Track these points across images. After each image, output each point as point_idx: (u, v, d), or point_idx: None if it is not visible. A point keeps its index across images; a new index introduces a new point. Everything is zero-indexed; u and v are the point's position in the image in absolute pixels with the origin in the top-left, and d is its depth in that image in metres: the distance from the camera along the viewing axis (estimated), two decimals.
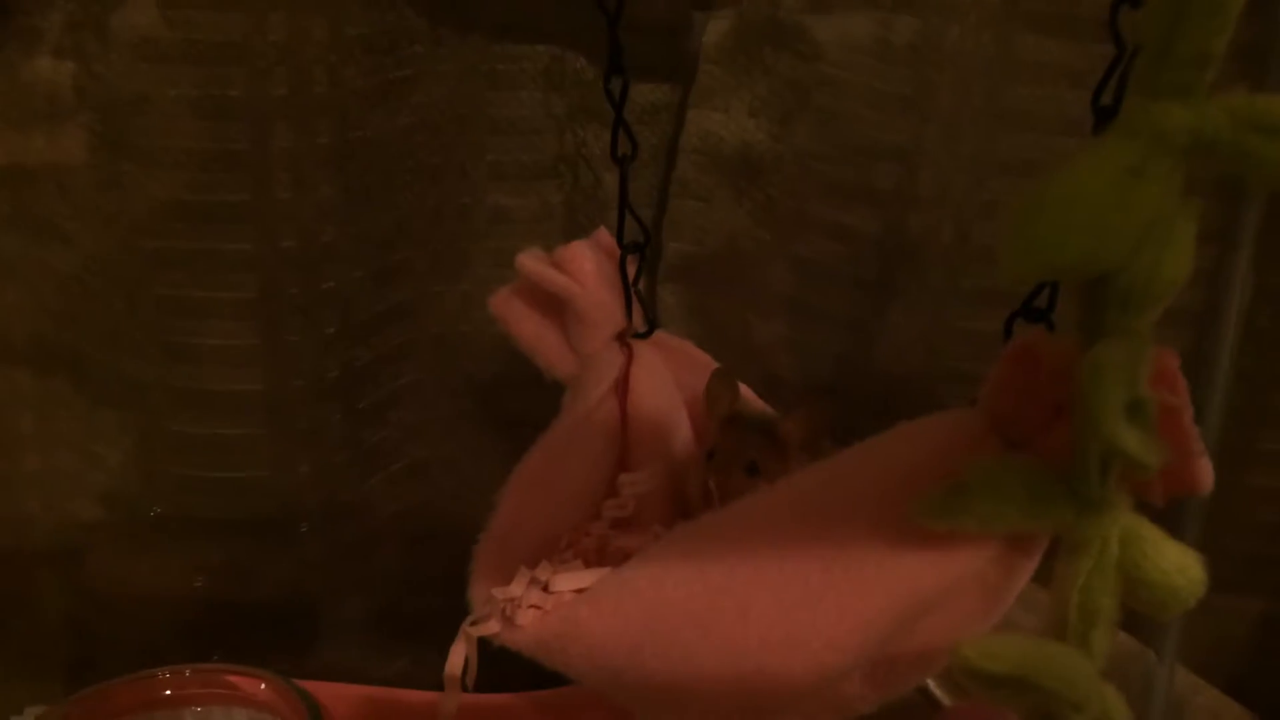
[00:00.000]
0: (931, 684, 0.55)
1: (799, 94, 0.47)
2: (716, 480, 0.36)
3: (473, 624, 0.32)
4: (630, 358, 0.39)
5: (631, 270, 0.39)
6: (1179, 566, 0.31)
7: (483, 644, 0.33)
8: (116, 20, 0.42)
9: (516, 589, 0.32)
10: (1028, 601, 0.38)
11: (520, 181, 0.49)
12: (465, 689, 0.34)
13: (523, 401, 0.39)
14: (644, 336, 0.39)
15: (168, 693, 0.41)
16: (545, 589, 0.32)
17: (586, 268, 0.39)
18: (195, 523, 0.48)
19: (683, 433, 0.39)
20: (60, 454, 0.48)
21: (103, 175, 0.43)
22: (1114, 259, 0.27)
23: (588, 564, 0.34)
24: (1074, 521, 0.30)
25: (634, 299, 0.39)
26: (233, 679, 0.42)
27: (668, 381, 0.39)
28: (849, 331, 0.50)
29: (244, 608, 0.49)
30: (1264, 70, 0.41)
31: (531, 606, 0.32)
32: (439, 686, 0.34)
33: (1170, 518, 0.57)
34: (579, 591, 0.32)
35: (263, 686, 0.42)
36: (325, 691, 0.41)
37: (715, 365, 0.40)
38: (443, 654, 0.36)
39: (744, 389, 0.39)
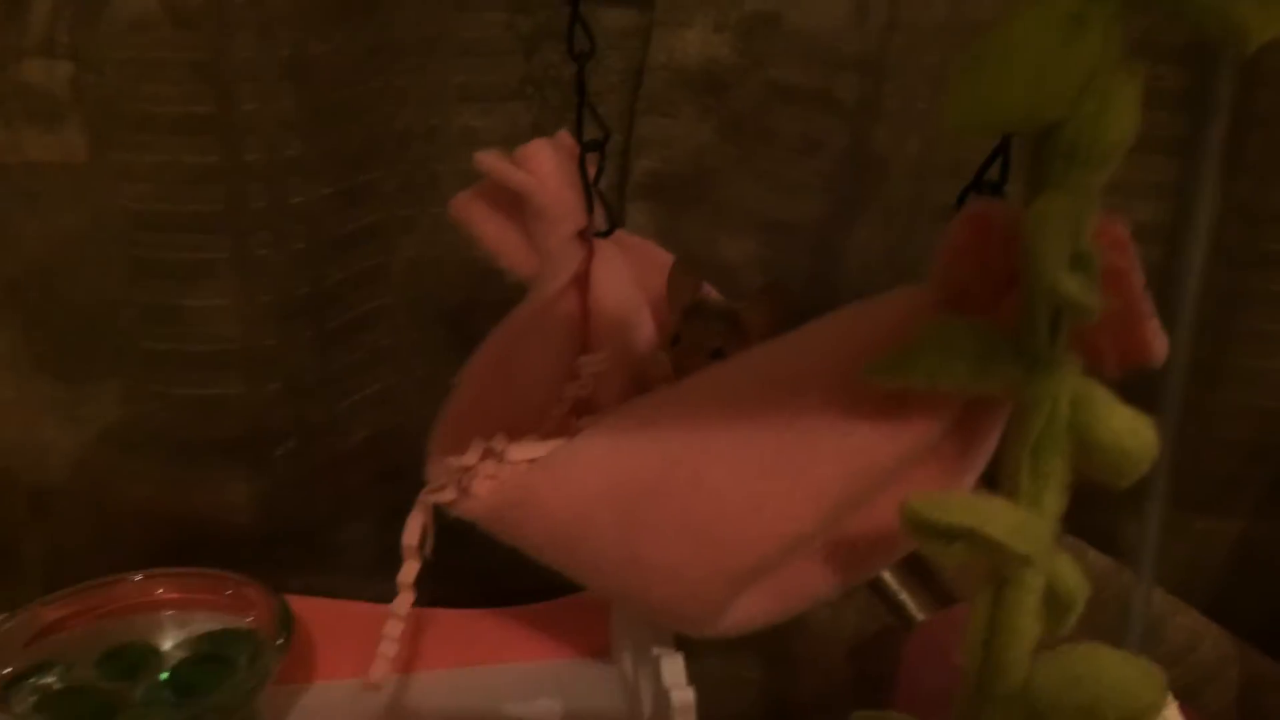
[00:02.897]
0: (907, 600, 0.55)
1: (762, 7, 0.47)
2: (680, 366, 0.36)
3: (429, 493, 0.32)
4: (591, 254, 0.39)
5: (592, 169, 0.39)
6: (1130, 428, 0.31)
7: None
8: None
9: (471, 458, 0.32)
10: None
11: (488, 103, 0.49)
12: (424, 559, 0.34)
13: (494, 327, 0.39)
14: (605, 235, 0.40)
15: (142, 596, 0.41)
16: (500, 459, 0.32)
17: (546, 165, 0.39)
18: (167, 441, 0.48)
19: (645, 328, 0.39)
20: (34, 376, 0.48)
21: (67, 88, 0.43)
22: (1056, 109, 0.27)
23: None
24: (1022, 380, 0.30)
25: (595, 197, 0.39)
26: (205, 583, 0.42)
27: (629, 278, 0.39)
28: (817, 247, 0.50)
29: (215, 527, 0.49)
30: None
31: (487, 477, 0.32)
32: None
33: None
34: (533, 462, 0.32)
35: (229, 592, 0.42)
36: (297, 604, 0.42)
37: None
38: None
39: (705, 286, 0.39)
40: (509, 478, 0.32)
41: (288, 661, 0.46)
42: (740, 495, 0.32)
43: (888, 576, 0.56)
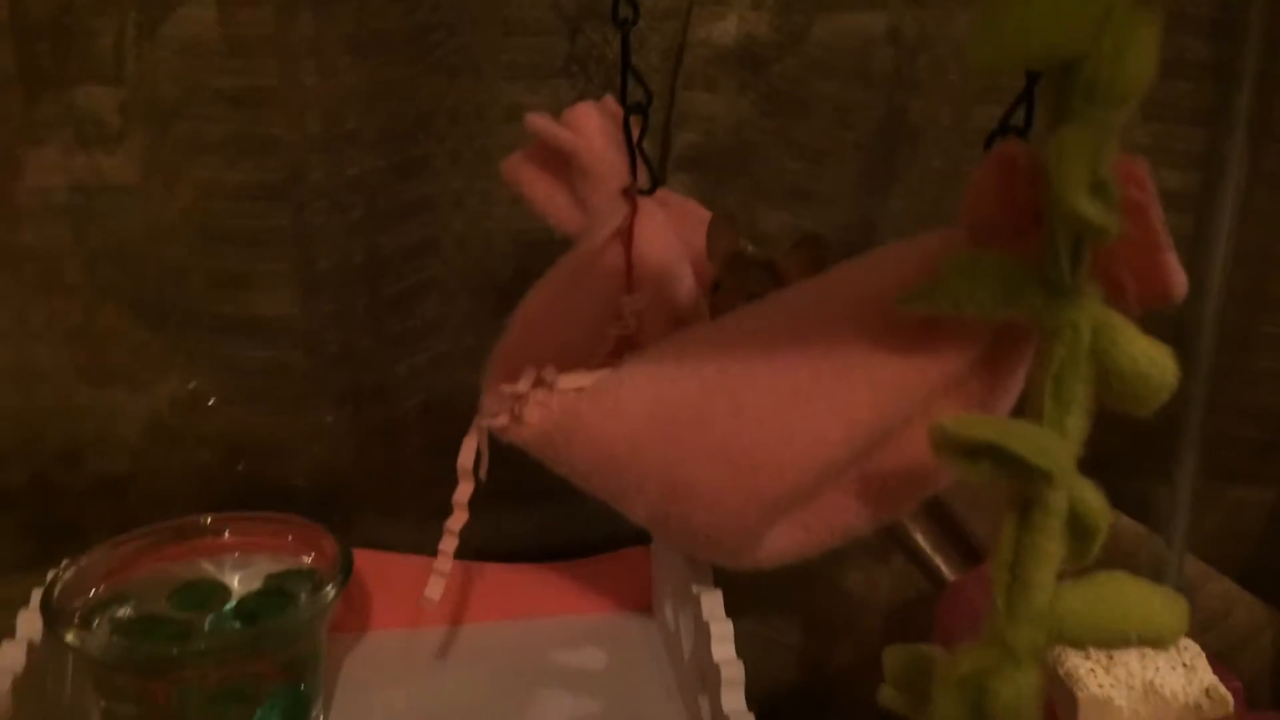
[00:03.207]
0: (941, 564, 0.56)
1: None
2: (719, 312, 0.38)
3: (484, 418, 0.34)
4: (634, 210, 0.41)
5: (636, 131, 0.42)
6: (1150, 356, 0.32)
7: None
8: None
9: (524, 386, 0.34)
10: None
11: (534, 81, 0.51)
12: (477, 480, 0.36)
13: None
14: (648, 193, 0.42)
15: (211, 539, 0.44)
16: (550, 388, 0.34)
17: (592, 126, 0.41)
18: (232, 402, 0.50)
19: (685, 278, 0.41)
20: (107, 342, 0.50)
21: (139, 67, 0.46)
22: (1076, 44, 0.29)
23: None
24: (1045, 308, 0.32)
25: (638, 157, 0.41)
26: (269, 527, 0.44)
27: (670, 233, 0.41)
28: (853, 217, 0.51)
29: (277, 485, 0.51)
30: None
31: (537, 404, 0.34)
32: None
33: (1170, 406, 0.58)
34: (581, 390, 0.34)
35: (291, 536, 0.44)
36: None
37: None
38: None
39: (743, 239, 0.41)
40: (558, 405, 0.34)
41: (344, 611, 0.49)
42: (776, 423, 0.34)
43: (922, 540, 0.57)
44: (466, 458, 0.36)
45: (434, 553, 0.41)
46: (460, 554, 0.42)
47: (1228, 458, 0.57)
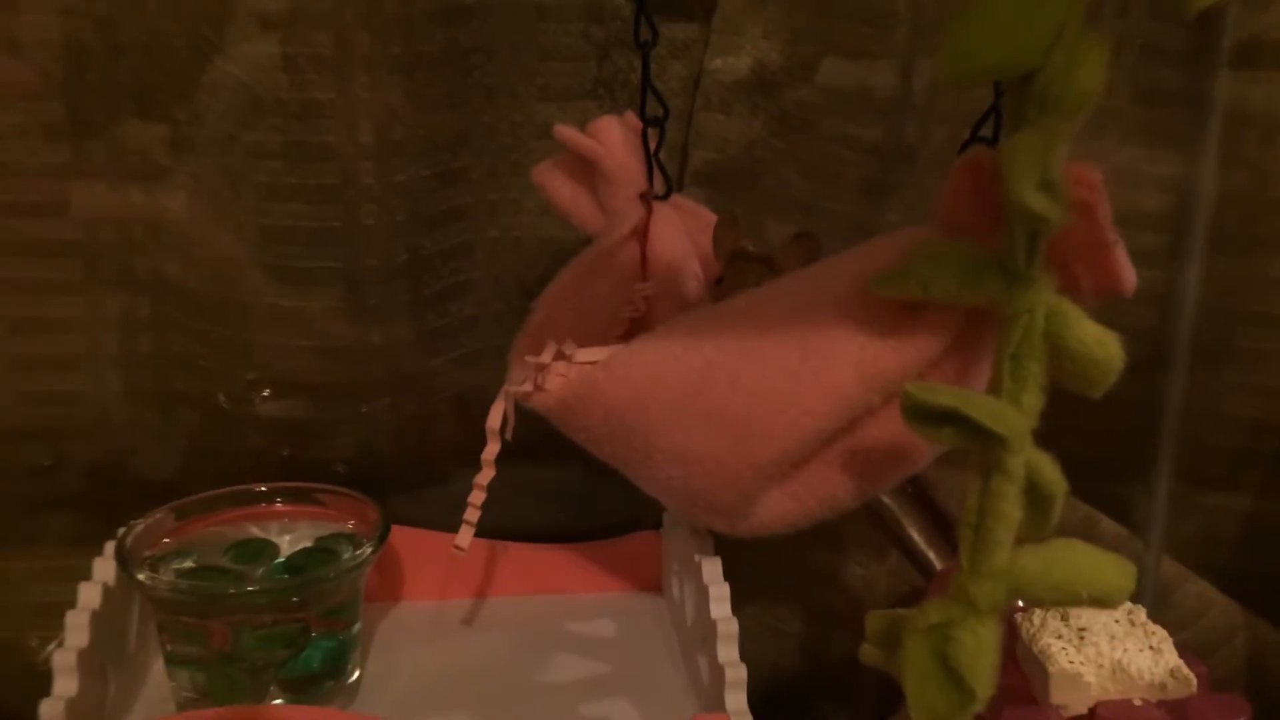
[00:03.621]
0: (934, 558, 0.60)
1: (804, 16, 0.54)
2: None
3: (511, 385, 0.39)
4: (650, 213, 0.46)
5: (653, 142, 0.46)
6: (1097, 339, 0.36)
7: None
8: None
9: (546, 357, 0.39)
10: None
11: (565, 101, 0.57)
12: (504, 441, 0.41)
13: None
14: (663, 198, 0.46)
15: (263, 505, 0.48)
16: (569, 360, 0.39)
17: (614, 136, 0.46)
18: (286, 387, 0.55)
19: (693, 274, 0.45)
20: (170, 333, 0.56)
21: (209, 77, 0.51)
22: (1029, 59, 0.33)
23: None
24: (1003, 294, 0.36)
25: (654, 166, 0.46)
26: (315, 495, 0.49)
27: (682, 234, 0.46)
28: (853, 230, 0.56)
29: (316, 465, 0.56)
30: None
31: (558, 375, 0.38)
32: None
33: (1148, 416, 0.62)
34: (595, 363, 0.39)
35: (334, 503, 0.49)
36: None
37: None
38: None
39: (745, 238, 0.46)
40: (576, 375, 0.38)
41: (379, 582, 0.53)
42: (769, 394, 0.38)
43: (916, 537, 0.61)
44: (495, 419, 0.40)
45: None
46: (486, 534, 0.47)
47: (1204, 466, 0.60)
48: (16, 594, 0.58)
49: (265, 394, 0.56)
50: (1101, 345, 0.37)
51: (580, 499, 0.59)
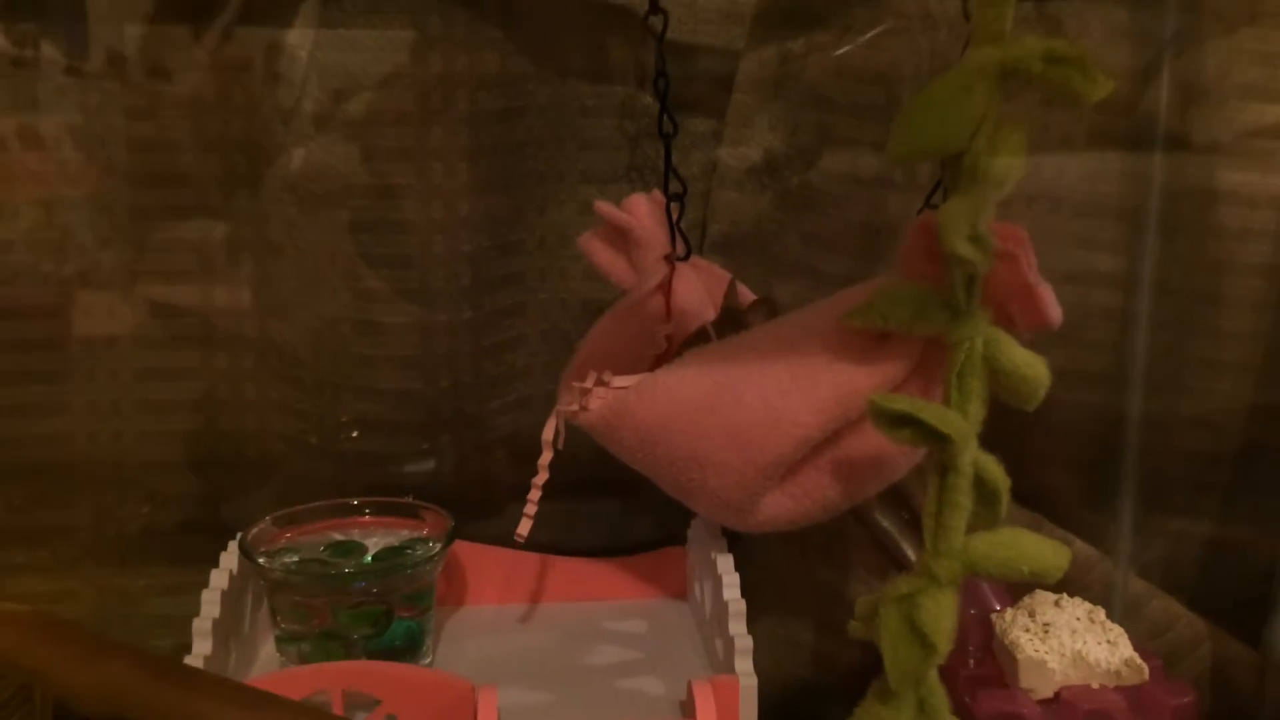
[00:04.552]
0: (908, 549, 0.68)
1: (803, 111, 0.64)
2: None
3: (562, 406, 0.49)
4: (673, 271, 0.56)
5: (675, 213, 0.57)
6: (1026, 361, 0.45)
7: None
8: None
9: (589, 383, 0.49)
10: None
11: (602, 184, 0.67)
12: (556, 450, 0.50)
13: None
14: (683, 259, 0.56)
15: (353, 516, 0.58)
16: (607, 385, 0.49)
17: (642, 209, 0.56)
18: (367, 424, 0.65)
19: (707, 321, 0.55)
20: (269, 382, 0.66)
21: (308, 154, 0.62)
22: (956, 142, 0.43)
23: None
24: (949, 325, 0.45)
25: (676, 233, 0.56)
26: (396, 508, 0.59)
27: (700, 289, 0.56)
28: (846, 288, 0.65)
29: (388, 492, 0.65)
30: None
31: (598, 397, 0.48)
32: None
33: (1109, 448, 0.70)
34: (627, 388, 0.49)
35: (412, 515, 0.58)
36: (454, 548, 0.58)
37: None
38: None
39: (742, 289, 0.56)
40: (612, 397, 0.49)
41: (447, 588, 0.63)
42: (767, 409, 0.48)
43: (912, 556, 0.69)
44: (549, 432, 0.50)
45: (516, 547, 0.56)
46: (538, 549, 0.57)
47: (1167, 495, 0.68)
48: (136, 606, 0.68)
49: (354, 434, 0.66)
50: (1030, 366, 0.46)
51: (617, 523, 0.68)
